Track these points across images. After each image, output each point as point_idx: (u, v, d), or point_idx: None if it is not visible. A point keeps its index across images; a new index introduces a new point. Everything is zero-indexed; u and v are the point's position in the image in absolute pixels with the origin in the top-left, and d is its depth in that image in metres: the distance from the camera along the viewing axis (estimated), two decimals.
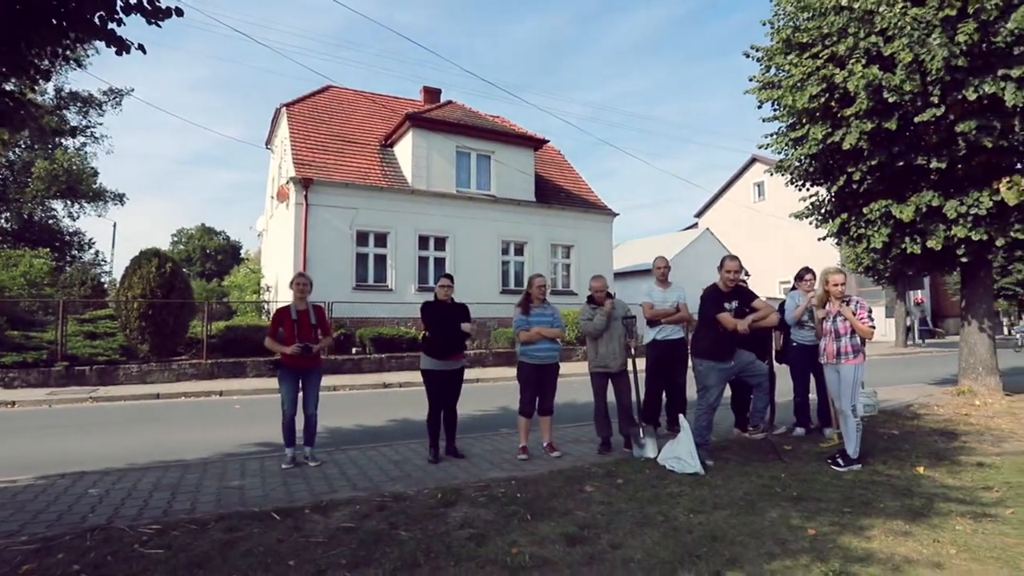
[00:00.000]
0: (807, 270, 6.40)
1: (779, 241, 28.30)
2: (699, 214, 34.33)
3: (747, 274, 27.34)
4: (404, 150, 18.41)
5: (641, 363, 6.19)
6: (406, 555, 3.38)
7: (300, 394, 5.59)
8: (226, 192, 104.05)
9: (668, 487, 4.65)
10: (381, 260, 17.27)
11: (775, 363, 6.78)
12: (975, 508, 4.10)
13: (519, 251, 19.48)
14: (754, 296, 5.29)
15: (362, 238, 16.99)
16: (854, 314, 5.09)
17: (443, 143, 18.33)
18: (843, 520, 3.88)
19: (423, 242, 17.85)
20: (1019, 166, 7.75)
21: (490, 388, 11.98)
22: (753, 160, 31.74)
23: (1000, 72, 6.61)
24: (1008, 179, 7.00)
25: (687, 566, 3.23)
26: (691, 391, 5.89)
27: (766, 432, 5.56)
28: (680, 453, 5.05)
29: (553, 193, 21.01)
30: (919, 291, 24.38)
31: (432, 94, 22.86)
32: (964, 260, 7.71)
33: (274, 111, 20.48)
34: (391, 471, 5.36)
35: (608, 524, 3.87)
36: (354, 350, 15.07)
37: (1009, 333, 35.61)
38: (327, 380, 12.26)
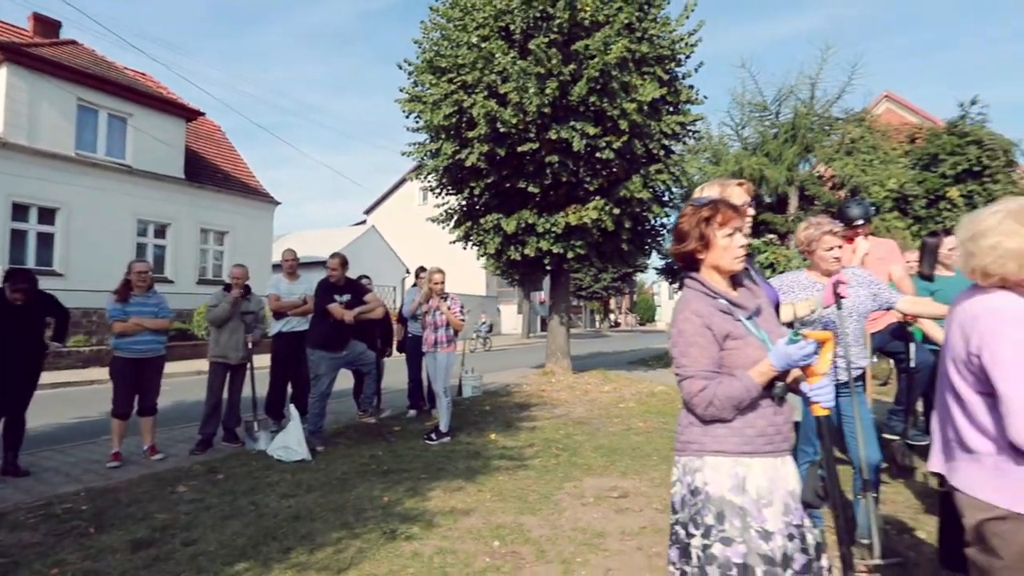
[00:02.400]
0: (423, 269, 7.24)
1: (440, 244, 30.95)
2: (368, 211, 35.19)
3: (408, 272, 29.23)
4: None
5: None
6: None
7: None
8: None
9: (270, 476, 4.75)
10: None
11: (396, 352, 7.50)
12: (517, 462, 5.26)
13: (160, 233, 17.04)
14: (366, 290, 5.78)
15: None
16: (448, 308, 5.99)
17: (57, 92, 14.85)
18: (417, 486, 4.55)
19: (20, 211, 14.16)
20: (593, 199, 10.12)
21: (104, 391, 10.23)
22: (420, 165, 33.95)
23: (571, 123, 8.57)
24: (575, 207, 9.13)
25: (260, 548, 3.38)
26: None
27: (375, 416, 6.11)
28: (289, 442, 5.19)
29: (208, 172, 18.98)
30: (541, 292, 29.69)
31: (47, 26, 18.17)
32: (549, 268, 9.76)
33: None
34: None
35: (190, 522, 3.77)
36: None
37: (597, 327, 46.26)
38: None
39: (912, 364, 4.33)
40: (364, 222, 34.79)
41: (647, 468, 5.05)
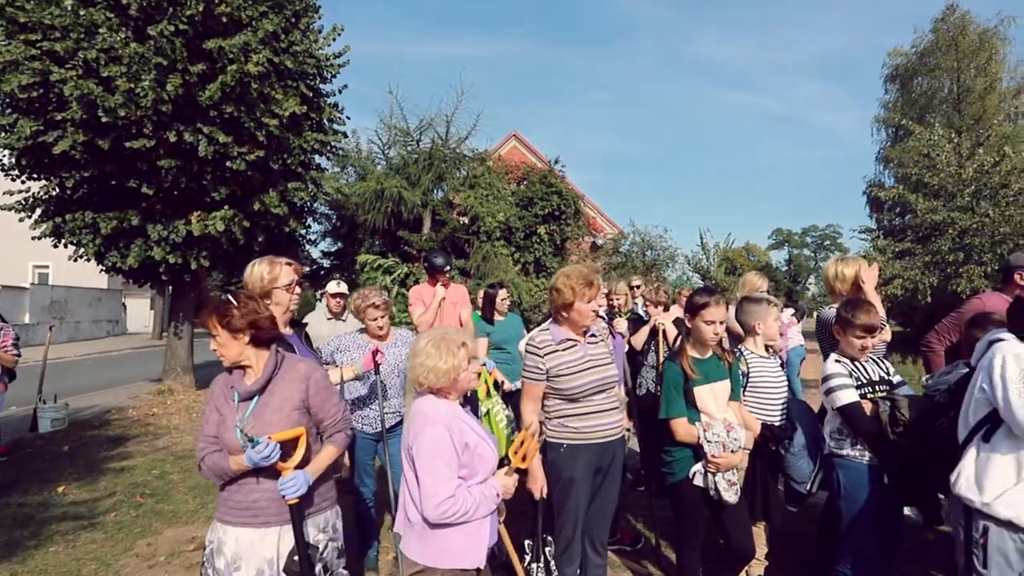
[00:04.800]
0: None
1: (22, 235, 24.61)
2: None
3: None
4: None
5: None
6: None
7: None
8: None
9: None
10: None
11: None
12: (84, 521, 4.62)
13: None
14: None
15: None
16: None
17: None
18: None
19: None
20: (221, 208, 9.36)
21: None
22: None
23: (199, 127, 7.86)
24: (198, 213, 8.41)
25: None
26: None
27: None
28: None
29: None
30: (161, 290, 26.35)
31: None
32: (164, 278, 8.78)
33: None
34: None
35: None
36: None
37: None
38: None
39: None
40: None
41: None
